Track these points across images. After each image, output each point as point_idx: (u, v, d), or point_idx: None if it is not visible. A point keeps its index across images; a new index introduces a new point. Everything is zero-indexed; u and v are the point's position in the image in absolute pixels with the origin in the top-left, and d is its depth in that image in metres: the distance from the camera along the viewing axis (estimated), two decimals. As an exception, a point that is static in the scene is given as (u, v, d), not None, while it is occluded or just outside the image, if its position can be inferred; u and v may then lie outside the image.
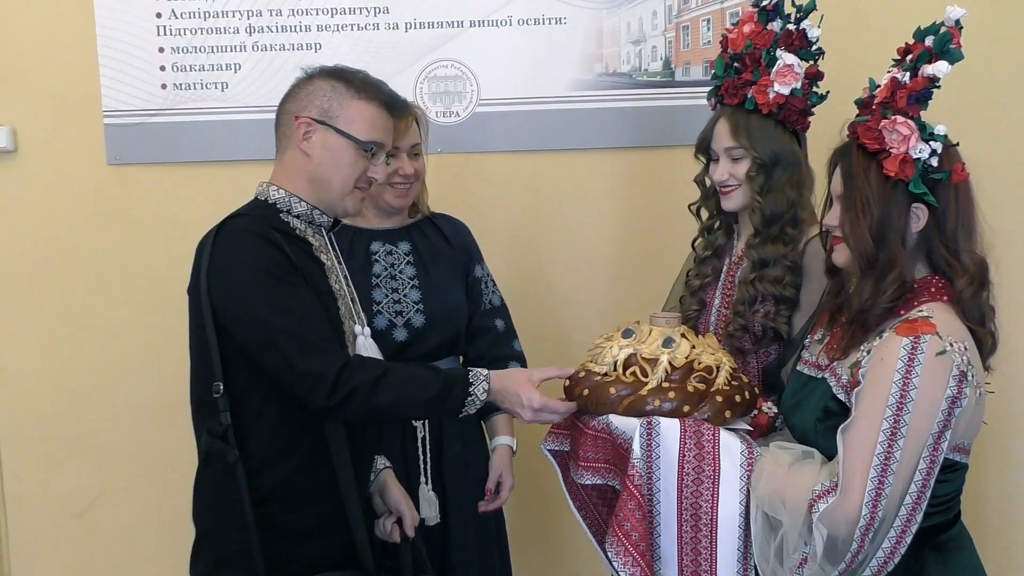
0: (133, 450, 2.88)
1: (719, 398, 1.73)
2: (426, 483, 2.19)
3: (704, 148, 2.09)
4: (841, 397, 1.61)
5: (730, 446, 1.67)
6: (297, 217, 1.79)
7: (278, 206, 1.79)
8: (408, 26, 2.77)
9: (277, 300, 1.68)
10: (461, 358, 2.31)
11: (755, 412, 1.76)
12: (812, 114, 2.03)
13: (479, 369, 1.79)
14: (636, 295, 2.74)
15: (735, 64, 2.03)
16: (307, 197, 1.79)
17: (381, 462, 1.99)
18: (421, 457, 2.20)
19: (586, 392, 1.77)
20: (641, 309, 1.97)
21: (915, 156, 1.57)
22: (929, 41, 1.60)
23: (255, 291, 1.68)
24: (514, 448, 2.32)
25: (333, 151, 1.76)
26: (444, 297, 2.23)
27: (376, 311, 2.15)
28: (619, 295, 2.84)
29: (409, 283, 2.21)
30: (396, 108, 1.84)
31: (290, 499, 1.75)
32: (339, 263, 1.88)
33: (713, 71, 2.09)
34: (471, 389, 1.73)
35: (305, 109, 1.76)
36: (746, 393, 1.78)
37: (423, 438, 2.20)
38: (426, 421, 2.20)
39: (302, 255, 1.76)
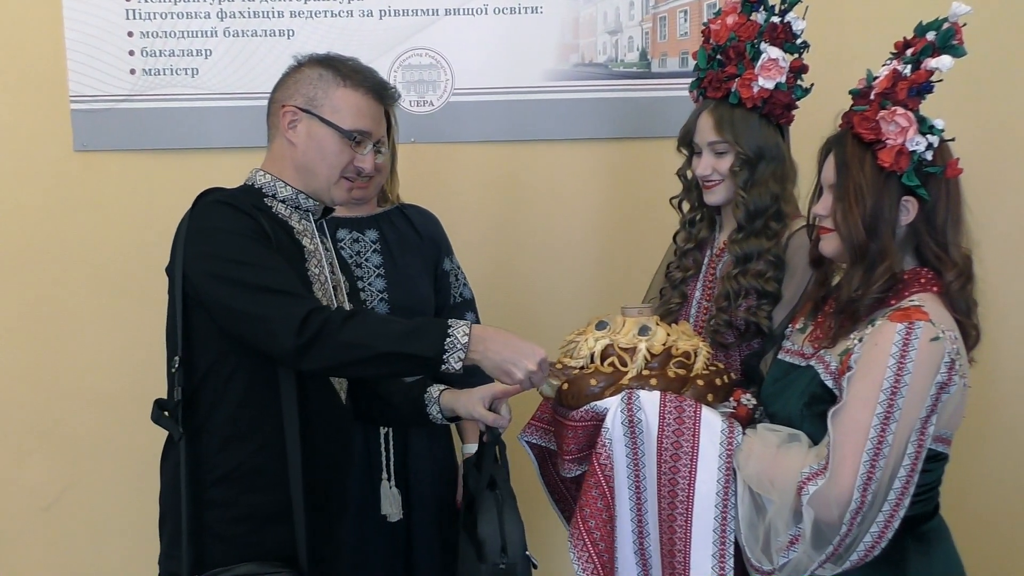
0: (101, 441, 2.83)
1: (700, 382, 1.74)
2: (388, 480, 2.18)
3: (687, 142, 2.07)
4: (829, 384, 1.62)
5: (711, 423, 1.67)
6: (282, 202, 1.78)
7: (263, 190, 1.78)
8: (382, 13, 2.74)
9: (244, 256, 1.64)
10: None
11: (735, 404, 1.77)
12: (796, 108, 2.03)
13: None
14: (612, 287, 2.74)
15: (718, 56, 2.01)
16: (294, 184, 1.78)
17: (436, 390, 1.88)
18: (384, 453, 2.18)
19: (565, 386, 1.76)
20: (617, 301, 1.96)
21: (911, 148, 1.58)
22: (931, 36, 1.62)
23: (222, 250, 1.65)
24: None
25: (318, 140, 1.75)
26: (410, 287, 2.22)
27: None
28: (594, 287, 2.83)
29: (374, 272, 2.21)
30: (386, 96, 1.81)
31: (253, 480, 1.71)
32: (325, 250, 1.85)
33: (695, 63, 2.07)
34: (450, 331, 1.61)
35: (291, 98, 1.75)
36: (725, 377, 1.80)
37: (386, 434, 2.19)
38: None
39: (281, 234, 1.74)
